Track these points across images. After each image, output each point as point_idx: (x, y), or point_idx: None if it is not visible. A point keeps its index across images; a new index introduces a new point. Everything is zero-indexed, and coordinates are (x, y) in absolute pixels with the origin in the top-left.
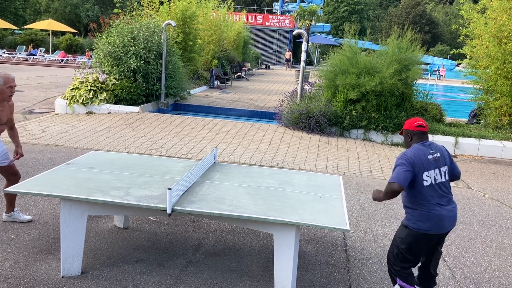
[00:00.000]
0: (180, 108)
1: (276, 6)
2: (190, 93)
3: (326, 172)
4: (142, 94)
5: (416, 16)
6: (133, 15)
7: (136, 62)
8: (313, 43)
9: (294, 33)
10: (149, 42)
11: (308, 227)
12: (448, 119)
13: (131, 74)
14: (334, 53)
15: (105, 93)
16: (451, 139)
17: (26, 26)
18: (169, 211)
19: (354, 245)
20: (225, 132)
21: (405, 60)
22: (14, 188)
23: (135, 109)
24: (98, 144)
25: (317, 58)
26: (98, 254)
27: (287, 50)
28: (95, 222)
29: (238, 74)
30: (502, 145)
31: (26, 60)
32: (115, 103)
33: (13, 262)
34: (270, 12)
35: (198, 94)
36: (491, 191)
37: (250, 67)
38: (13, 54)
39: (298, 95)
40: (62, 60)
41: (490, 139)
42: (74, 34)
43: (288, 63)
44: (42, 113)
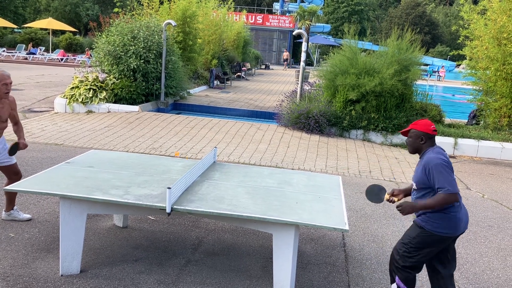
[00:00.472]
0: (179, 107)
1: (276, 6)
2: (189, 92)
3: (325, 172)
4: (141, 94)
5: (416, 17)
6: (133, 15)
7: (136, 61)
8: (313, 44)
9: (294, 33)
10: (149, 42)
11: (307, 227)
12: (447, 120)
13: (131, 73)
14: (334, 53)
15: (104, 92)
16: (451, 140)
17: (26, 25)
18: (168, 210)
19: (353, 245)
20: (224, 131)
21: (405, 61)
22: (14, 186)
23: (135, 108)
24: (97, 143)
25: (317, 58)
26: (97, 253)
27: (285, 50)
28: (94, 221)
29: (238, 74)
30: (501, 146)
31: (26, 59)
32: (115, 102)
33: (12, 260)
34: (270, 12)
35: (198, 93)
36: (490, 192)
37: (250, 67)
38: (12, 52)
39: (298, 95)
40: (62, 59)
41: (489, 140)
42: (74, 33)
43: (285, 63)
44: (41, 112)
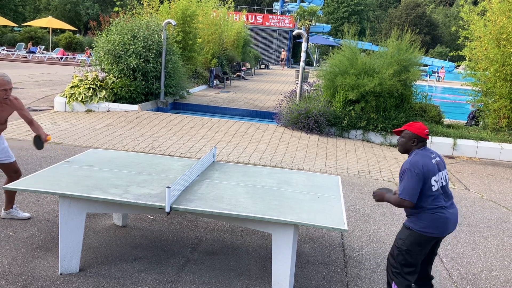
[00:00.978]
0: (179, 107)
1: (276, 6)
2: (189, 92)
3: (324, 172)
4: (141, 93)
5: (416, 17)
6: (133, 14)
7: (135, 60)
8: (312, 44)
9: (294, 33)
10: (149, 41)
11: (306, 227)
12: (447, 121)
13: (131, 72)
14: (334, 53)
15: (104, 91)
16: (450, 141)
17: (25, 24)
18: (167, 210)
19: (352, 245)
20: (224, 131)
21: (404, 61)
22: (14, 185)
23: (134, 107)
24: (97, 142)
25: (316, 58)
26: (96, 252)
27: (283, 50)
28: (94, 220)
29: (238, 73)
30: (500, 147)
31: (26, 57)
32: (114, 101)
33: (11, 259)
34: (270, 12)
35: (198, 93)
36: (489, 193)
37: (249, 67)
38: (12, 51)
39: (297, 95)
40: (62, 58)
41: (489, 141)
42: (73, 32)
43: (282, 63)
44: (41, 110)
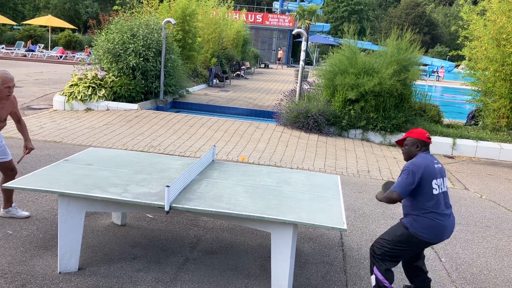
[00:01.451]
0: (178, 106)
1: (276, 5)
2: (189, 91)
3: (324, 171)
4: (141, 92)
5: (415, 17)
6: (132, 12)
7: (135, 59)
8: (312, 43)
9: (293, 32)
10: (148, 40)
11: (305, 226)
12: (446, 121)
13: (130, 71)
14: (333, 53)
15: (103, 90)
16: (449, 140)
17: (25, 22)
18: (167, 209)
19: (351, 244)
20: (223, 130)
21: (404, 61)
22: (12, 183)
23: (134, 106)
24: (96, 141)
25: (316, 57)
26: (95, 251)
27: (280, 49)
28: (93, 218)
29: (237, 72)
30: (500, 147)
31: (25, 56)
32: (114, 100)
33: (10, 257)
34: (270, 11)
35: (197, 92)
36: (488, 193)
37: (249, 66)
38: (11, 49)
39: (297, 95)
40: (61, 56)
41: (488, 141)
42: (73, 30)
43: (279, 62)
44: (40, 109)
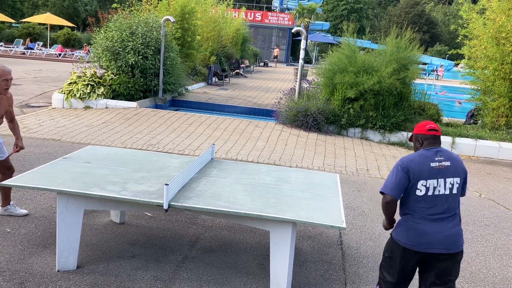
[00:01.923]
0: (177, 104)
1: (275, 3)
2: (188, 89)
3: (323, 170)
4: (139, 90)
5: (415, 15)
6: (131, 10)
7: (134, 57)
8: (311, 41)
9: (293, 30)
10: (147, 38)
11: (304, 225)
12: (445, 119)
13: (129, 69)
14: (333, 51)
15: (102, 88)
16: (448, 139)
17: (24, 20)
18: (166, 207)
19: (350, 243)
20: (222, 129)
21: (403, 59)
22: (11, 181)
23: (133, 104)
24: (95, 139)
25: (315, 56)
26: (94, 249)
27: (276, 47)
28: (91, 216)
29: (236, 71)
30: (499, 145)
31: (24, 53)
32: (113, 98)
33: (8, 255)
34: (269, 9)
35: (196, 90)
36: (487, 192)
37: (248, 64)
38: (10, 47)
39: (296, 93)
40: (60, 54)
41: (487, 140)
42: (72, 28)
43: (275, 60)
44: (39, 107)
